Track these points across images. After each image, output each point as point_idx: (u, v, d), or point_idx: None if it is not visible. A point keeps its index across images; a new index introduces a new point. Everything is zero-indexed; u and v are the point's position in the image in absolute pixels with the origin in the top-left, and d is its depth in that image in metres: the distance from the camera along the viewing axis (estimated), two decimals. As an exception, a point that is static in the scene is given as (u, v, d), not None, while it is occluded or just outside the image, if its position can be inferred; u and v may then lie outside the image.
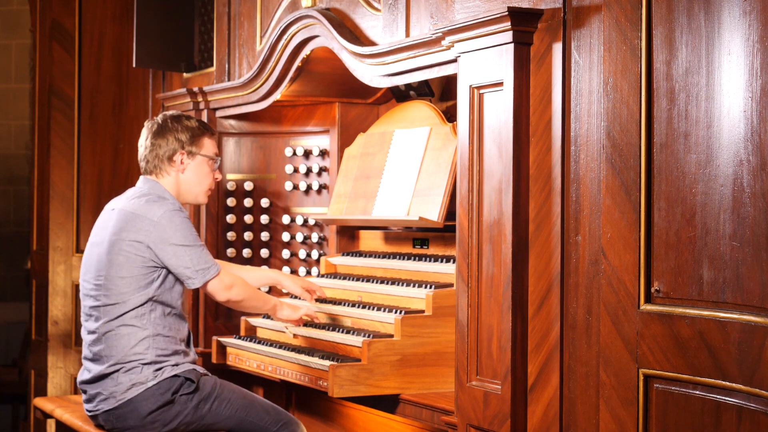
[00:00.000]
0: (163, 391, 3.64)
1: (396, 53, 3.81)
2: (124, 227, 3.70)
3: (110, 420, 3.69)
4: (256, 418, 3.75)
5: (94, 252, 3.80)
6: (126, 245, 3.68)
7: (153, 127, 3.90)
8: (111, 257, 3.70)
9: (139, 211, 3.72)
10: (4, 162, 9.45)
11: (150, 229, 3.67)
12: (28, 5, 6.95)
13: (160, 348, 3.67)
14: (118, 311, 3.67)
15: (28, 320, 7.24)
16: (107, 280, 3.69)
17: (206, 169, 3.92)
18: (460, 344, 3.40)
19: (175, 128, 3.87)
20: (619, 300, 2.92)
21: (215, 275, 3.74)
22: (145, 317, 3.67)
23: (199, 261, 3.70)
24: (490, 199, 3.30)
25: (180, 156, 3.86)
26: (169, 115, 3.93)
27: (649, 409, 2.86)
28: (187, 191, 3.90)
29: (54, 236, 6.07)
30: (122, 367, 3.65)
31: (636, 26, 2.89)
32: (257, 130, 5.08)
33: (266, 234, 5.04)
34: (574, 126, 3.12)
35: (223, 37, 5.17)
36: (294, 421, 3.83)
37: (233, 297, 3.81)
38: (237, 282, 3.82)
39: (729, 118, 2.65)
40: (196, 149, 3.88)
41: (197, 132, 3.90)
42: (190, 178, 3.89)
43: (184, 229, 3.70)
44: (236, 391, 3.78)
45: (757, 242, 2.57)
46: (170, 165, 3.86)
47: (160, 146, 3.86)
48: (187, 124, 3.90)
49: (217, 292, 3.78)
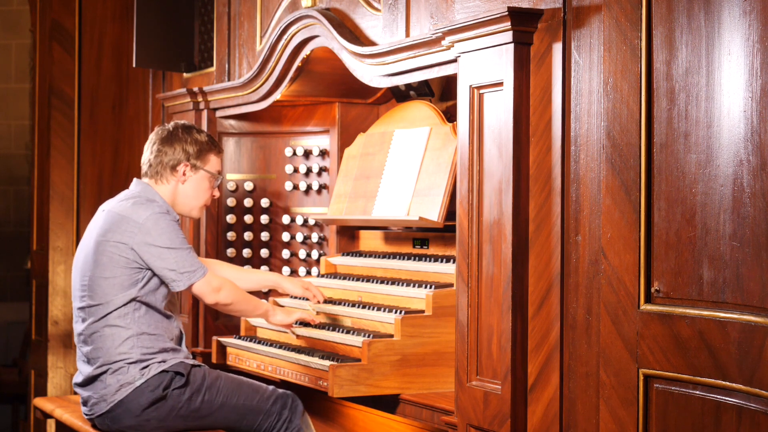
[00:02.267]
0: (152, 387, 3.64)
1: (396, 53, 3.81)
2: (109, 228, 3.72)
3: (106, 423, 3.70)
4: (248, 400, 3.76)
5: (81, 253, 3.82)
6: (110, 246, 3.68)
7: (162, 133, 3.92)
8: (96, 258, 3.71)
9: (125, 212, 3.73)
10: (4, 162, 9.45)
11: (134, 230, 3.68)
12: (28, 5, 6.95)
13: (145, 346, 3.67)
14: (103, 312, 3.68)
15: (28, 320, 7.24)
16: (92, 281, 3.71)
17: (206, 184, 3.93)
18: (460, 344, 3.40)
19: (184, 139, 3.90)
20: (619, 300, 2.92)
21: (201, 277, 3.73)
22: (128, 317, 3.67)
23: (184, 264, 3.69)
24: (490, 199, 3.30)
25: (184, 167, 3.88)
26: (181, 125, 3.94)
27: (649, 409, 2.86)
28: (182, 203, 3.91)
29: (54, 236, 6.07)
30: (109, 368, 3.66)
31: (636, 26, 2.89)
32: (257, 130, 5.08)
33: (266, 234, 5.04)
34: (574, 126, 3.12)
35: (223, 37, 5.17)
36: (285, 394, 3.82)
37: (222, 300, 3.80)
38: (225, 285, 3.81)
39: (729, 118, 2.65)
40: (200, 163, 3.90)
41: (205, 147, 3.92)
42: (189, 191, 3.91)
43: (169, 231, 3.70)
44: (224, 377, 3.79)
45: (757, 242, 2.57)
46: (172, 174, 3.88)
47: (166, 153, 3.88)
48: (197, 137, 3.92)
49: (205, 295, 3.77)
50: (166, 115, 5.81)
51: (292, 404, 3.81)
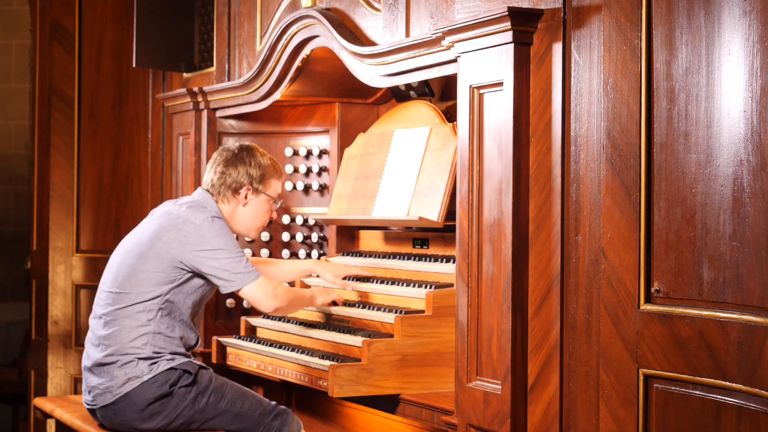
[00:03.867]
0: (160, 383, 3.65)
1: (396, 53, 3.81)
2: (166, 226, 3.77)
3: (108, 416, 3.71)
4: (250, 410, 3.77)
5: (128, 242, 3.87)
6: (162, 243, 3.73)
7: (227, 155, 3.97)
8: (143, 251, 3.75)
9: (183, 214, 3.79)
10: (4, 162, 9.45)
11: (191, 231, 3.73)
12: (28, 5, 6.95)
13: (158, 346, 3.69)
14: (130, 301, 3.72)
15: (28, 320, 7.24)
16: (131, 269, 3.75)
17: (266, 207, 3.99)
18: (460, 344, 3.40)
19: (248, 162, 3.95)
20: (619, 300, 2.92)
21: (255, 280, 3.76)
22: (152, 313, 3.70)
23: (238, 265, 3.75)
24: (490, 199, 3.30)
25: (246, 191, 3.93)
26: (245, 147, 3.99)
27: (649, 409, 2.86)
28: (241, 223, 3.97)
29: (54, 236, 6.07)
30: (118, 360, 3.67)
31: (636, 26, 2.89)
32: (257, 130, 5.08)
33: (266, 234, 5.04)
34: (574, 126, 3.12)
35: (223, 37, 5.17)
36: (285, 411, 3.84)
37: (280, 304, 3.85)
38: (279, 288, 3.88)
39: (729, 118, 2.65)
40: (263, 188, 3.95)
41: (268, 171, 3.97)
42: (249, 214, 3.96)
43: (224, 234, 3.76)
44: (230, 384, 3.81)
45: (757, 242, 2.57)
46: (234, 196, 3.93)
47: (230, 175, 3.93)
48: (261, 161, 3.97)
49: (261, 301, 3.81)
50: (166, 115, 5.81)
51: (291, 422, 3.84)
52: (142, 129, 6.16)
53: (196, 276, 3.76)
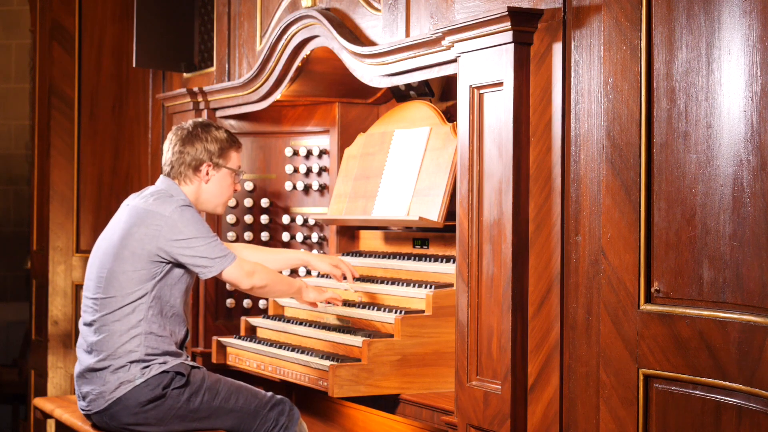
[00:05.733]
0: (152, 387, 3.64)
1: (396, 53, 3.81)
2: (134, 223, 3.73)
3: (104, 420, 3.70)
4: (245, 404, 3.76)
5: (102, 246, 3.83)
6: (134, 241, 3.70)
7: (182, 133, 3.92)
8: (117, 251, 3.72)
9: (150, 207, 3.74)
10: (4, 162, 9.45)
11: (161, 224, 3.69)
12: (28, 5, 6.95)
13: (151, 347, 3.67)
14: (116, 304, 3.69)
15: (28, 320, 7.24)
16: (110, 274, 3.72)
17: (229, 181, 3.96)
18: (460, 344, 3.40)
19: (204, 138, 3.90)
20: (619, 300, 2.92)
21: (232, 261, 3.75)
22: (141, 313, 3.68)
23: (214, 250, 3.72)
24: (490, 199, 3.30)
25: (206, 167, 3.89)
26: (199, 123, 3.95)
27: (649, 409, 2.86)
28: (206, 201, 3.94)
29: (54, 236, 6.07)
30: (111, 364, 3.66)
31: (636, 26, 2.89)
32: (257, 130, 5.08)
33: (266, 234, 5.04)
34: (574, 126, 3.12)
35: (223, 37, 5.17)
36: (282, 400, 3.82)
37: (257, 283, 3.82)
38: (257, 268, 3.84)
39: (729, 118, 2.65)
40: (222, 162, 3.92)
41: (226, 144, 3.93)
42: (213, 189, 3.93)
43: (195, 222, 3.73)
44: (223, 380, 3.79)
45: (757, 242, 2.57)
46: (195, 174, 3.90)
47: (188, 154, 3.89)
48: (217, 135, 3.92)
49: (239, 280, 3.79)
50: (166, 115, 5.81)
51: (289, 411, 3.82)
52: (142, 129, 6.16)
53: (175, 266, 3.73)
